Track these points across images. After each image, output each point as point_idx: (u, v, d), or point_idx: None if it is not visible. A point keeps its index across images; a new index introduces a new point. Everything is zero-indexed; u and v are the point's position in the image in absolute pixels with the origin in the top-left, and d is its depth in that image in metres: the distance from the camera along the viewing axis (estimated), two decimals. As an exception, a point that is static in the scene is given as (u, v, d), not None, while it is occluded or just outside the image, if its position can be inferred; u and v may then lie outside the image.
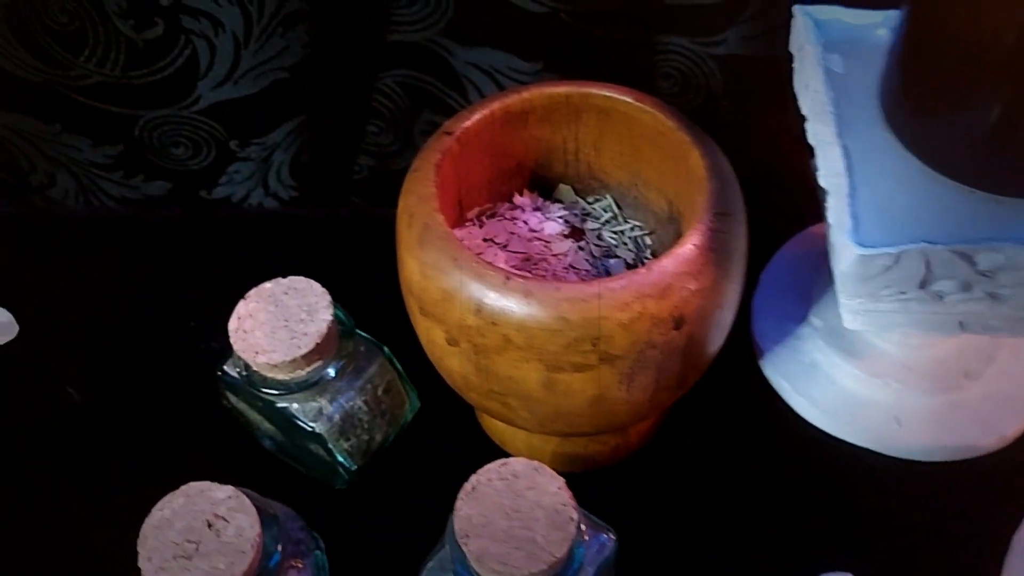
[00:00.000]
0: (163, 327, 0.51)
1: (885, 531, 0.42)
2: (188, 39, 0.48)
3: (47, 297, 0.53)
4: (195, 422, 0.47)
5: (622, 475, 0.44)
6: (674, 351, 0.35)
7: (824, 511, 0.43)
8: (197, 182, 0.57)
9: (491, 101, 0.40)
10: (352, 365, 0.42)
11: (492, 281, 0.33)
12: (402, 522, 0.43)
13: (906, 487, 0.43)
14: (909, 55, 0.35)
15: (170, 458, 0.46)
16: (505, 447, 0.45)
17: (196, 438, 0.47)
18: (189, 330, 0.51)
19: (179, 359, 0.50)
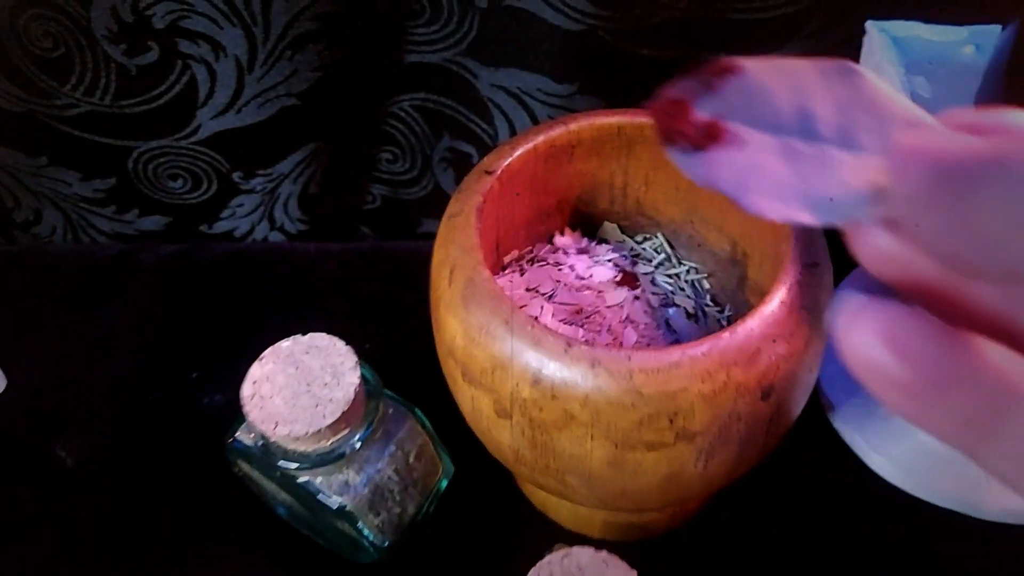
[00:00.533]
0: (163, 378, 0.47)
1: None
2: (186, 64, 0.43)
3: (35, 345, 0.48)
4: (200, 486, 0.43)
5: (680, 545, 0.40)
6: (760, 423, 0.30)
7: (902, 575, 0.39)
8: (197, 216, 0.52)
9: (534, 134, 0.35)
10: (380, 430, 0.37)
11: (552, 349, 0.29)
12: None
13: (998, 552, 0.39)
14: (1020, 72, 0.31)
15: (174, 529, 0.41)
16: (549, 514, 0.41)
17: (202, 505, 0.42)
18: (191, 382, 0.47)
19: (182, 415, 0.45)
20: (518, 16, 0.42)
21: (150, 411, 0.46)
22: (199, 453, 0.44)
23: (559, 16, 0.42)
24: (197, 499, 0.42)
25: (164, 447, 0.44)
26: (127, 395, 0.46)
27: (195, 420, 0.45)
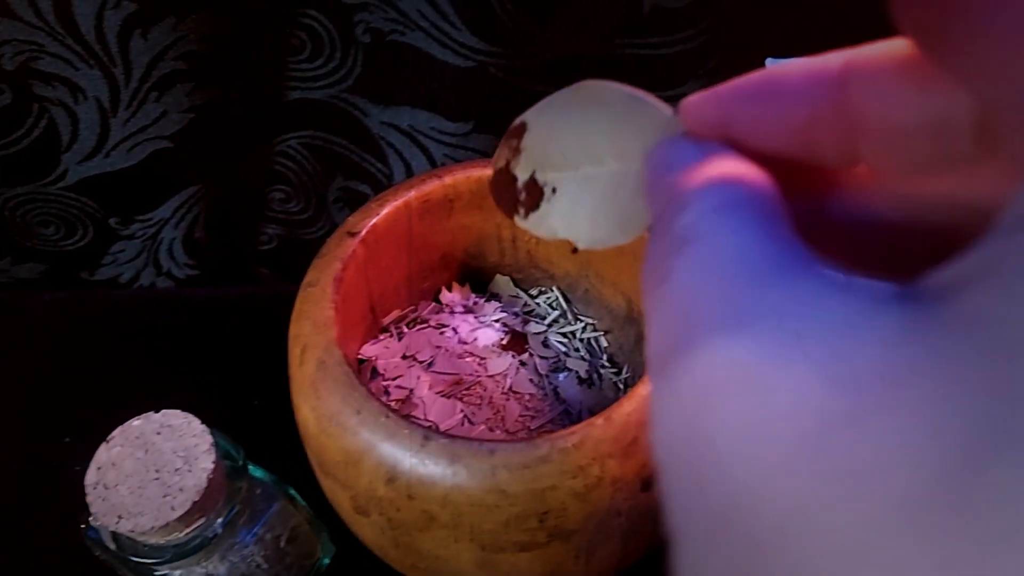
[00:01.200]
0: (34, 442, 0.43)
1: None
2: (43, 108, 0.39)
3: None
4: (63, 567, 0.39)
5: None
6: (645, 515, 0.27)
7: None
8: (76, 263, 0.48)
9: (406, 189, 0.32)
10: (247, 512, 0.34)
11: (407, 443, 0.26)
12: None
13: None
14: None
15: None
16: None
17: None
18: (64, 447, 0.43)
19: (51, 487, 0.42)
20: (404, 52, 0.39)
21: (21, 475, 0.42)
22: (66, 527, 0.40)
23: (447, 52, 0.39)
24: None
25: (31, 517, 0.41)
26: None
27: (62, 492, 0.42)
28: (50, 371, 0.46)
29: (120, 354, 0.47)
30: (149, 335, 0.47)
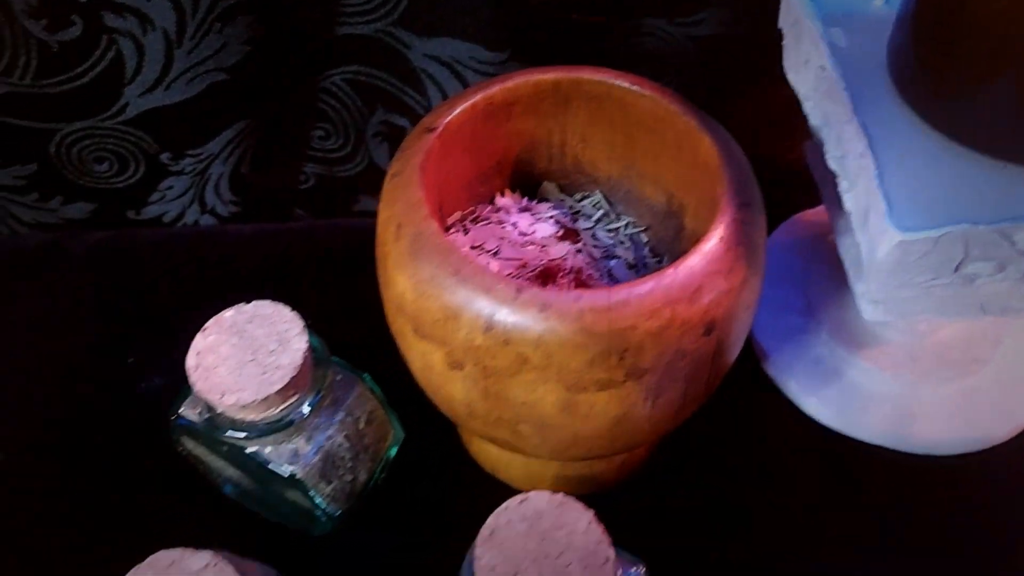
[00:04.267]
0: (97, 366, 0.46)
1: (907, 529, 0.40)
2: (112, 39, 0.42)
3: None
4: (142, 471, 0.42)
5: (630, 496, 0.41)
6: (704, 359, 0.31)
7: (842, 512, 0.41)
8: (125, 201, 0.51)
9: (473, 92, 0.35)
10: (329, 397, 0.37)
11: (503, 295, 0.29)
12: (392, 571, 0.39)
13: (924, 482, 0.41)
14: (925, 21, 0.33)
15: (118, 516, 0.40)
16: (499, 475, 0.41)
17: (146, 491, 0.41)
18: (127, 368, 0.45)
19: (118, 402, 0.44)
20: (449, -16, 0.43)
21: (86, 399, 0.44)
22: (140, 437, 0.43)
23: (489, -18, 0.42)
24: (140, 484, 0.42)
25: (103, 434, 0.43)
26: (60, 386, 0.45)
27: (134, 405, 0.44)
28: (102, 306, 0.48)
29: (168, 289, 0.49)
30: (197, 270, 0.50)
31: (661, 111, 0.35)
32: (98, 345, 0.47)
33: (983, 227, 0.31)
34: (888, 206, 0.31)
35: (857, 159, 0.34)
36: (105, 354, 0.46)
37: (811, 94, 0.38)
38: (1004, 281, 0.34)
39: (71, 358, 0.46)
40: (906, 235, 0.30)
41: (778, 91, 0.42)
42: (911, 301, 0.36)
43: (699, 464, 0.42)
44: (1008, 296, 0.36)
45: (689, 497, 0.41)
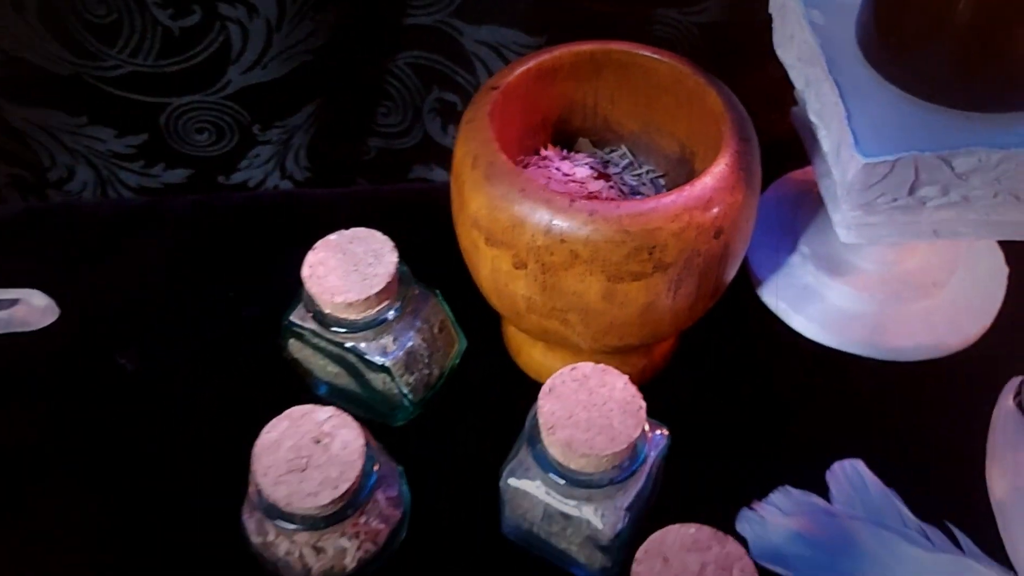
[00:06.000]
0: (202, 299, 0.54)
1: (880, 423, 0.49)
2: (223, 25, 0.51)
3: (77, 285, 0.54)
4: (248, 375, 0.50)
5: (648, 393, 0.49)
6: (713, 258, 0.40)
7: (828, 411, 0.49)
8: (217, 168, 0.60)
9: (528, 60, 0.45)
10: (411, 307, 0.46)
11: (559, 204, 0.38)
12: (462, 450, 0.47)
13: (893, 384, 0.50)
14: (883, 2, 0.42)
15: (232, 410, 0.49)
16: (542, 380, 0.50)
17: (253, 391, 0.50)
18: (229, 300, 0.54)
19: (225, 327, 0.53)
20: (497, -21, 0.52)
21: (194, 325, 0.53)
22: (246, 350, 0.51)
23: (531, -21, 0.52)
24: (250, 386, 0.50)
25: (212, 349, 0.52)
26: (170, 315, 0.53)
27: (238, 330, 0.53)
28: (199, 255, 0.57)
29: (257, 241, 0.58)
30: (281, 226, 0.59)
31: (676, 73, 0.44)
32: (200, 287, 0.55)
33: (927, 154, 0.40)
34: (855, 139, 0.41)
35: (831, 108, 0.43)
36: (206, 292, 0.55)
37: (795, 63, 0.47)
38: (949, 206, 0.43)
39: (175, 296, 0.55)
40: (869, 159, 0.40)
41: (769, 70, 0.52)
42: (877, 227, 0.45)
43: (706, 370, 0.51)
44: (955, 221, 0.45)
45: (699, 395, 0.50)
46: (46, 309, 0.52)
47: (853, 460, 0.46)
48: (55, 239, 0.57)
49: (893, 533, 0.43)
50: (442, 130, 0.61)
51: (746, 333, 0.53)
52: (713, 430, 0.48)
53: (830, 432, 0.48)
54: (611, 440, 0.37)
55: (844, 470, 0.46)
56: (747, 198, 0.41)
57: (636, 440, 0.38)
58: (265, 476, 0.37)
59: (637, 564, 0.34)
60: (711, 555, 0.34)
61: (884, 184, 0.41)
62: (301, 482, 0.37)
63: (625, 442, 0.38)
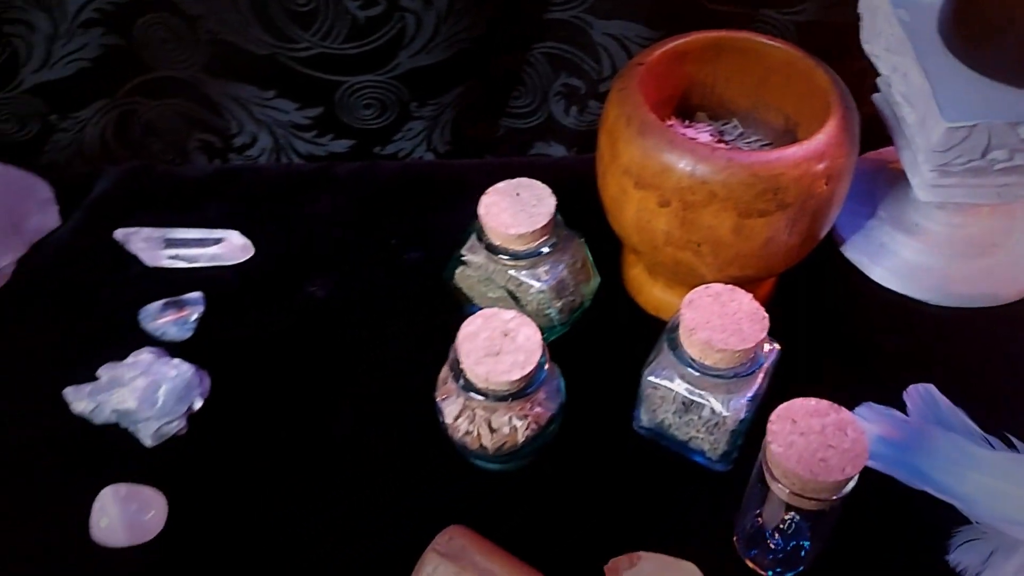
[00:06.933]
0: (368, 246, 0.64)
1: (946, 357, 0.58)
2: (401, 16, 0.62)
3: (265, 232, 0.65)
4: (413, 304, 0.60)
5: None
6: (823, 202, 0.50)
7: (902, 346, 0.58)
8: (374, 139, 0.71)
9: (666, 43, 0.55)
10: (561, 244, 0.56)
11: (703, 152, 0.48)
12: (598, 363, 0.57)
13: (957, 325, 0.59)
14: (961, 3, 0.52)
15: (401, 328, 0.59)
16: (660, 315, 0.60)
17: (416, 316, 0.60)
18: (392, 246, 0.64)
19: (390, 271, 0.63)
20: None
21: (368, 264, 0.63)
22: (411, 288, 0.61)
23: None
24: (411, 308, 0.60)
25: (385, 284, 0.62)
26: (345, 256, 0.64)
27: (400, 269, 0.63)
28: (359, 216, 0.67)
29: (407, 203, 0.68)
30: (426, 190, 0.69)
31: (789, 57, 0.54)
32: (365, 236, 0.65)
33: (999, 121, 0.49)
34: (940, 109, 0.50)
35: (918, 87, 0.53)
36: (372, 242, 0.65)
37: (882, 53, 0.57)
38: (1012, 169, 0.53)
39: (348, 243, 0.65)
40: (951, 123, 0.49)
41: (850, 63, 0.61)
42: (951, 188, 0.54)
43: (800, 311, 0.60)
44: (1017, 185, 0.54)
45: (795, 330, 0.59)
46: (244, 247, 0.63)
47: (926, 384, 0.55)
48: (243, 194, 0.68)
49: (960, 435, 0.52)
50: (565, 112, 0.71)
51: (833, 282, 0.62)
52: (807, 360, 0.57)
53: (905, 363, 0.57)
54: (741, 340, 0.47)
55: (918, 391, 0.55)
56: (849, 156, 0.50)
57: (761, 342, 0.47)
58: (468, 357, 0.47)
59: (771, 423, 0.43)
60: (829, 419, 0.43)
61: (962, 147, 0.51)
62: (496, 363, 0.47)
63: (753, 341, 0.47)
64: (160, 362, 0.53)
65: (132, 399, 0.51)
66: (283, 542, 0.49)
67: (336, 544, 0.49)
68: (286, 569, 0.48)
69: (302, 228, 0.66)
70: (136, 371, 0.52)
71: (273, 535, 0.50)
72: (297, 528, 0.50)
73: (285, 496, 0.51)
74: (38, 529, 0.50)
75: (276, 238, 0.65)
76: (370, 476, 0.52)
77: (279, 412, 0.55)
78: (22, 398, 0.55)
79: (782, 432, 0.43)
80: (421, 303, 0.60)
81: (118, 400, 0.51)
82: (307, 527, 0.50)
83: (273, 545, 0.49)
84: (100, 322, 0.60)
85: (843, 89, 0.52)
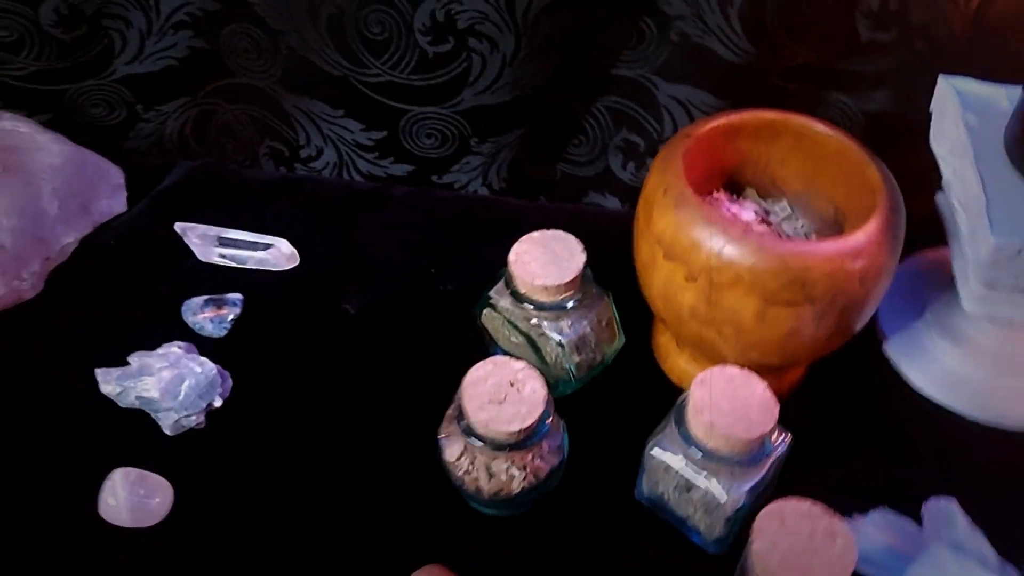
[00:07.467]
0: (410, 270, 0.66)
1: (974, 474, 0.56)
2: (468, 55, 0.63)
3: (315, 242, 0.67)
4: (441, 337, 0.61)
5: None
6: (855, 301, 0.49)
7: (931, 455, 0.56)
8: (433, 168, 0.72)
9: (719, 117, 0.55)
10: (587, 300, 0.56)
11: (734, 233, 0.48)
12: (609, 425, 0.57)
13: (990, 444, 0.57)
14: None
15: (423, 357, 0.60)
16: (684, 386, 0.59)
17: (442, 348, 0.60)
18: (431, 275, 0.65)
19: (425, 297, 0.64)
20: (699, 49, 0.62)
21: (404, 289, 0.64)
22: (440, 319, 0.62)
23: (727, 51, 0.62)
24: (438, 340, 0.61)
25: (415, 309, 0.63)
26: (384, 278, 0.65)
27: (436, 299, 0.64)
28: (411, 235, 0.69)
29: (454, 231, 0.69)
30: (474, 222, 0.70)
31: (843, 147, 0.53)
32: (407, 260, 0.67)
33: (1052, 246, 0.47)
34: (991, 224, 0.48)
35: (974, 196, 0.51)
36: (414, 266, 0.66)
37: (947, 155, 0.56)
38: (1067, 296, 0.51)
39: (390, 265, 0.66)
40: (1000, 240, 0.48)
41: (920, 159, 0.60)
42: (999, 304, 0.52)
43: (829, 401, 0.59)
44: (1071, 313, 0.52)
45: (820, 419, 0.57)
46: (291, 256, 0.65)
47: (948, 497, 0.53)
48: (301, 203, 0.70)
49: (973, 561, 0.50)
50: (622, 167, 0.71)
51: (868, 378, 0.60)
52: (828, 454, 0.56)
53: (930, 473, 0.55)
54: (747, 428, 0.46)
55: (938, 505, 0.53)
56: (889, 258, 0.49)
57: (767, 433, 0.47)
58: (471, 402, 0.48)
59: (759, 520, 0.42)
60: (820, 525, 0.42)
61: (1010, 266, 0.49)
62: (499, 411, 0.47)
63: (758, 432, 0.46)
64: (188, 358, 0.55)
65: (156, 389, 0.53)
66: (277, 543, 0.51)
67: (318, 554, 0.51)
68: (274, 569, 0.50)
69: (350, 244, 0.67)
70: (164, 363, 0.54)
71: (270, 535, 0.51)
72: (291, 531, 0.52)
73: (286, 499, 0.53)
74: (51, 500, 0.52)
75: (324, 251, 0.67)
76: (367, 496, 0.53)
77: (294, 419, 0.57)
78: (60, 372, 0.58)
79: (768, 530, 0.42)
80: (448, 335, 0.61)
81: (143, 388, 0.53)
82: (300, 532, 0.51)
83: (268, 544, 0.51)
84: (146, 309, 0.62)
85: (893, 188, 0.51)
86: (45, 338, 0.60)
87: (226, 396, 0.56)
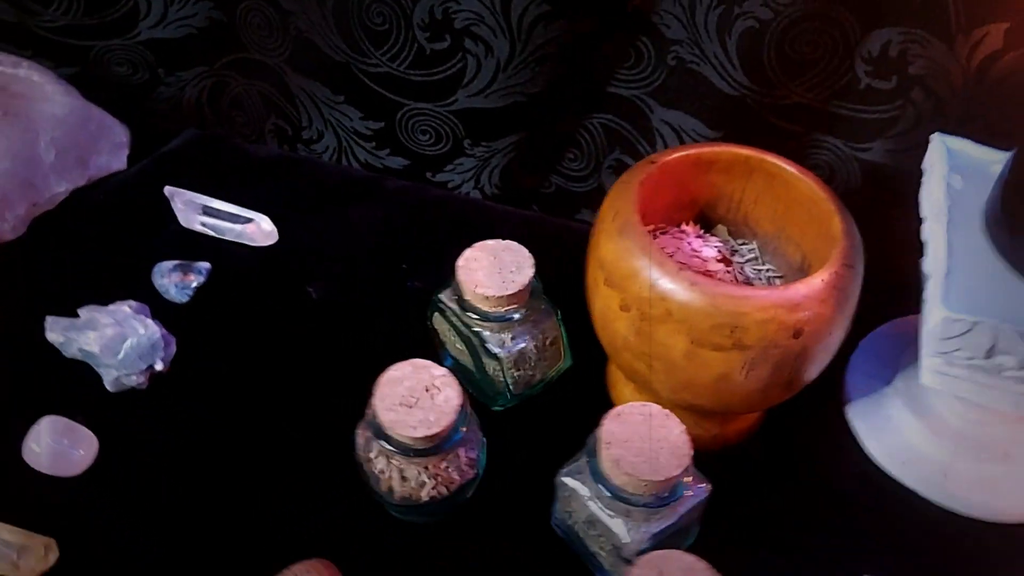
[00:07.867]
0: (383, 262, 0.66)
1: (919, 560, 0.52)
2: (464, 56, 0.63)
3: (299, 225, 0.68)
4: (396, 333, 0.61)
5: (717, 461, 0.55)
6: (789, 355, 0.46)
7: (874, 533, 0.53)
8: (428, 165, 0.72)
9: (689, 147, 0.53)
10: (533, 316, 0.55)
11: (669, 269, 0.46)
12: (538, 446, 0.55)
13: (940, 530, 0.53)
14: (1013, 187, 0.47)
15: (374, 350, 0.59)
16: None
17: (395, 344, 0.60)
18: (401, 270, 0.65)
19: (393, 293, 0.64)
20: (694, 75, 0.61)
21: (373, 280, 0.65)
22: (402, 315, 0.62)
23: (723, 82, 0.60)
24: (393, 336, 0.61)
25: (378, 302, 0.63)
26: (357, 267, 0.65)
27: (402, 295, 0.64)
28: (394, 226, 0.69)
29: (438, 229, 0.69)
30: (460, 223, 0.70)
31: (813, 194, 0.51)
32: (384, 252, 0.67)
33: (1007, 325, 0.44)
34: (945, 294, 0.46)
35: (937, 262, 0.48)
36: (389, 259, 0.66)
37: (927, 216, 0.52)
38: None
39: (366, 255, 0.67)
40: (949, 313, 0.45)
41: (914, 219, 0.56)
42: (958, 380, 0.49)
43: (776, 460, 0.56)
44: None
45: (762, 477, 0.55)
46: (270, 233, 0.66)
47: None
48: (296, 184, 0.71)
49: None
50: (615, 186, 0.70)
51: (823, 439, 0.57)
52: (768, 507, 0.53)
53: (869, 549, 0.52)
54: (652, 470, 0.45)
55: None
56: (836, 315, 0.46)
57: (676, 478, 0.45)
58: (381, 402, 0.47)
59: (635, 567, 0.41)
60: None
61: (962, 340, 0.46)
62: (407, 415, 0.47)
63: (664, 475, 0.45)
64: (135, 318, 0.56)
65: (96, 344, 0.54)
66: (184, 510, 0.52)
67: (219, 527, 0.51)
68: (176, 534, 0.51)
69: (333, 230, 0.68)
70: (110, 319, 0.55)
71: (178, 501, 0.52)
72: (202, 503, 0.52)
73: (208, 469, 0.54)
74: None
75: (305, 233, 0.67)
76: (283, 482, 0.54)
77: (235, 392, 0.57)
78: (18, 314, 0.60)
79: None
80: (405, 332, 0.61)
81: (85, 341, 0.55)
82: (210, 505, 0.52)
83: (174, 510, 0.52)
84: (119, 266, 0.64)
85: (851, 243, 0.48)
86: (11, 280, 0.62)
87: (168, 361, 0.57)
